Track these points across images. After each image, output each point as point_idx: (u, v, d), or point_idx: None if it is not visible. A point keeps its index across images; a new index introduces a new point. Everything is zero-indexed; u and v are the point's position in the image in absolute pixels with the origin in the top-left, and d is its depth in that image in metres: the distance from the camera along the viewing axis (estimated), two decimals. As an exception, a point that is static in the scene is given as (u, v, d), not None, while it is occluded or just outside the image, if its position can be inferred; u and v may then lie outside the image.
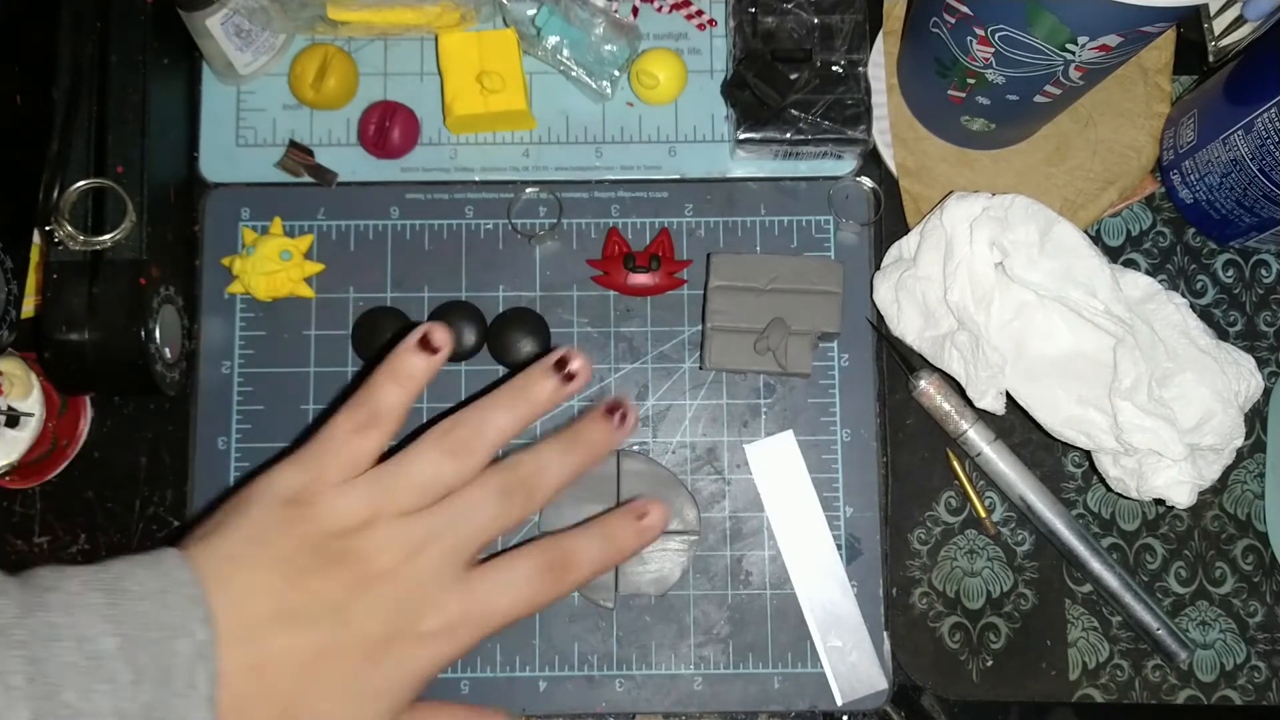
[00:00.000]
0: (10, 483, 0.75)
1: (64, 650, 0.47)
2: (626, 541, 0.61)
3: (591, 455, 0.61)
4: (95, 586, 0.50)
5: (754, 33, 0.77)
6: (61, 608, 0.49)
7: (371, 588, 0.55)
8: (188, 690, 0.49)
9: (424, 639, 0.55)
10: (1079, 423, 0.71)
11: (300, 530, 0.55)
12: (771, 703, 0.74)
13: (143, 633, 0.49)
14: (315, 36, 0.80)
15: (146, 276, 0.69)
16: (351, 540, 0.55)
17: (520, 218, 0.79)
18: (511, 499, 0.58)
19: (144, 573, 0.51)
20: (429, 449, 0.58)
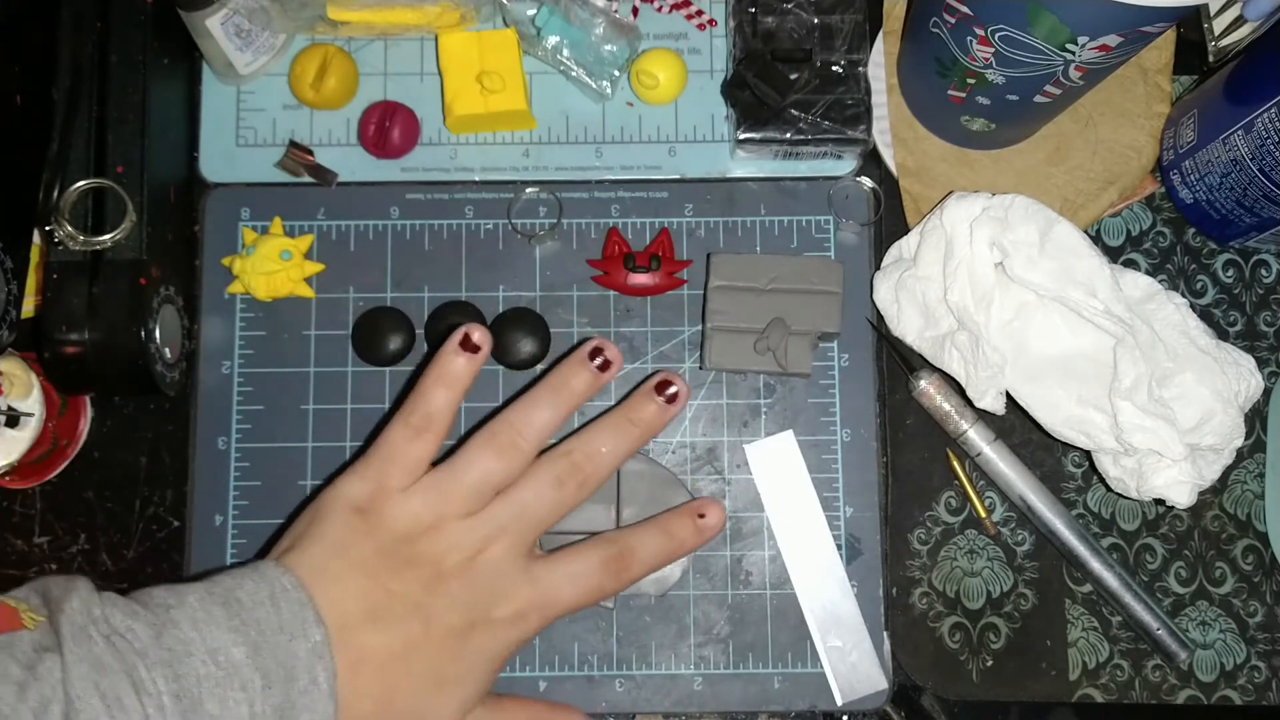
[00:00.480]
0: (10, 483, 0.75)
1: (199, 664, 0.52)
2: (686, 539, 0.67)
3: (642, 435, 0.66)
4: (213, 601, 0.54)
5: (754, 33, 0.77)
6: (189, 623, 0.52)
7: (445, 585, 0.59)
8: (311, 687, 0.54)
9: (496, 627, 0.61)
10: (1079, 423, 0.71)
11: (374, 538, 0.60)
12: (771, 703, 0.74)
13: (265, 639, 0.53)
14: (315, 36, 0.80)
15: (146, 276, 0.69)
16: (420, 544, 0.60)
17: (520, 218, 0.79)
18: (565, 486, 0.64)
19: (251, 583, 0.55)
20: (479, 451, 0.63)
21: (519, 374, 0.77)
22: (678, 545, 0.67)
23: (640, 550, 0.66)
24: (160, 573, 0.75)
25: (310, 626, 0.55)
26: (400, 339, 0.76)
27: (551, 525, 0.64)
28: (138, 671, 0.50)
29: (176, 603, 0.54)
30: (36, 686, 0.49)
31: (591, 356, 0.65)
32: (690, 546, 0.68)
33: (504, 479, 0.63)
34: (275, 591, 0.55)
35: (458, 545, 0.61)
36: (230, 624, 0.53)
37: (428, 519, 0.61)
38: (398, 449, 0.62)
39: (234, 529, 0.75)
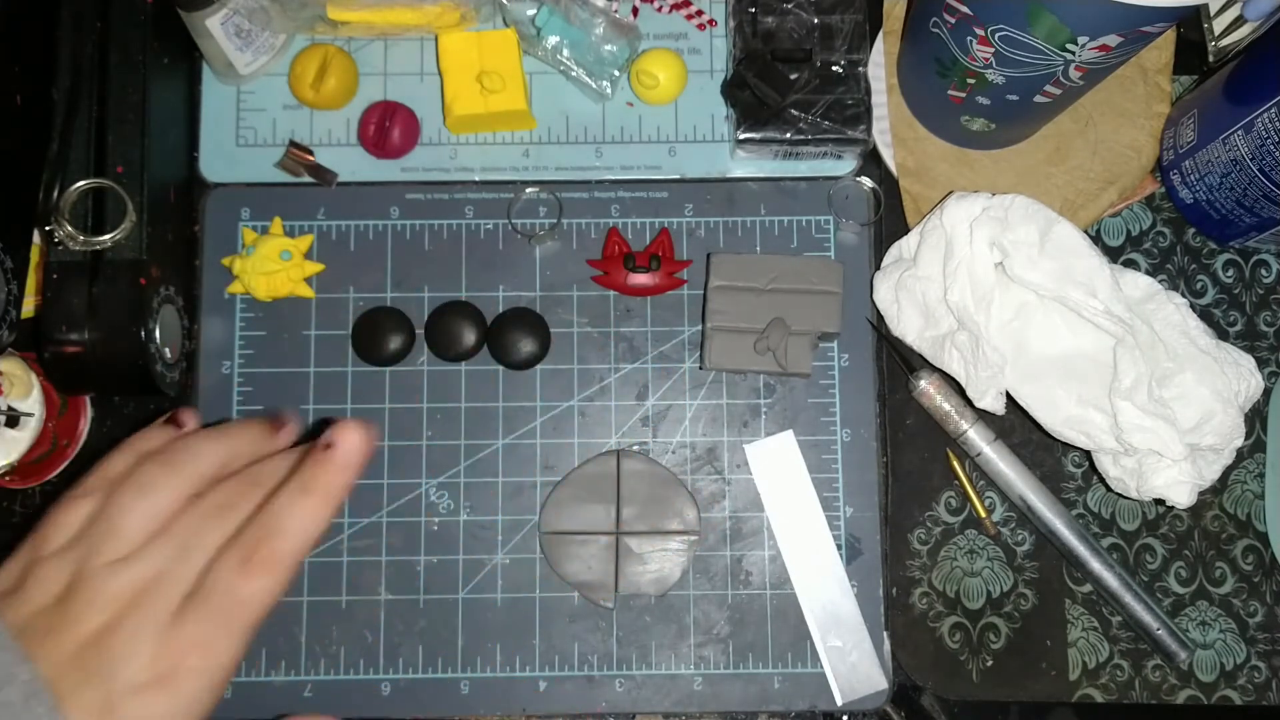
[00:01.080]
0: (10, 483, 0.75)
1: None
2: (327, 482, 0.52)
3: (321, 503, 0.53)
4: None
5: (754, 33, 0.77)
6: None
7: (80, 657, 0.49)
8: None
9: (138, 693, 0.49)
10: (1079, 423, 0.71)
11: (10, 620, 0.50)
12: (771, 703, 0.75)
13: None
14: (315, 36, 0.80)
15: (146, 276, 0.69)
16: (63, 608, 0.50)
17: (520, 218, 0.79)
18: (235, 511, 0.52)
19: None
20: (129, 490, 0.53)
21: (519, 374, 0.77)
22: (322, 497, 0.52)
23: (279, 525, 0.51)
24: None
25: (16, 667, 0.47)
26: (400, 339, 0.76)
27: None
28: None
29: None
30: None
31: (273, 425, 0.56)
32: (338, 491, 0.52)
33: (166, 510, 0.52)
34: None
35: (95, 601, 0.49)
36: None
37: (64, 579, 0.50)
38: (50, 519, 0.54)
39: (234, 529, 0.75)
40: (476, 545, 0.76)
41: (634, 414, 0.77)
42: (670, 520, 0.76)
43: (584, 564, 0.75)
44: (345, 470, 0.52)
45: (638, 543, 0.75)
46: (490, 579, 0.76)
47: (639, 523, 0.75)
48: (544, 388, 0.77)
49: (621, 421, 0.77)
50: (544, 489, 0.76)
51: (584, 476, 0.76)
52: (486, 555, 0.76)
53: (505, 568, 0.76)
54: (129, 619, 0.49)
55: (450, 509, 0.76)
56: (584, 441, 0.77)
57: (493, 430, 0.77)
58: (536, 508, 0.76)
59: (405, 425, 0.77)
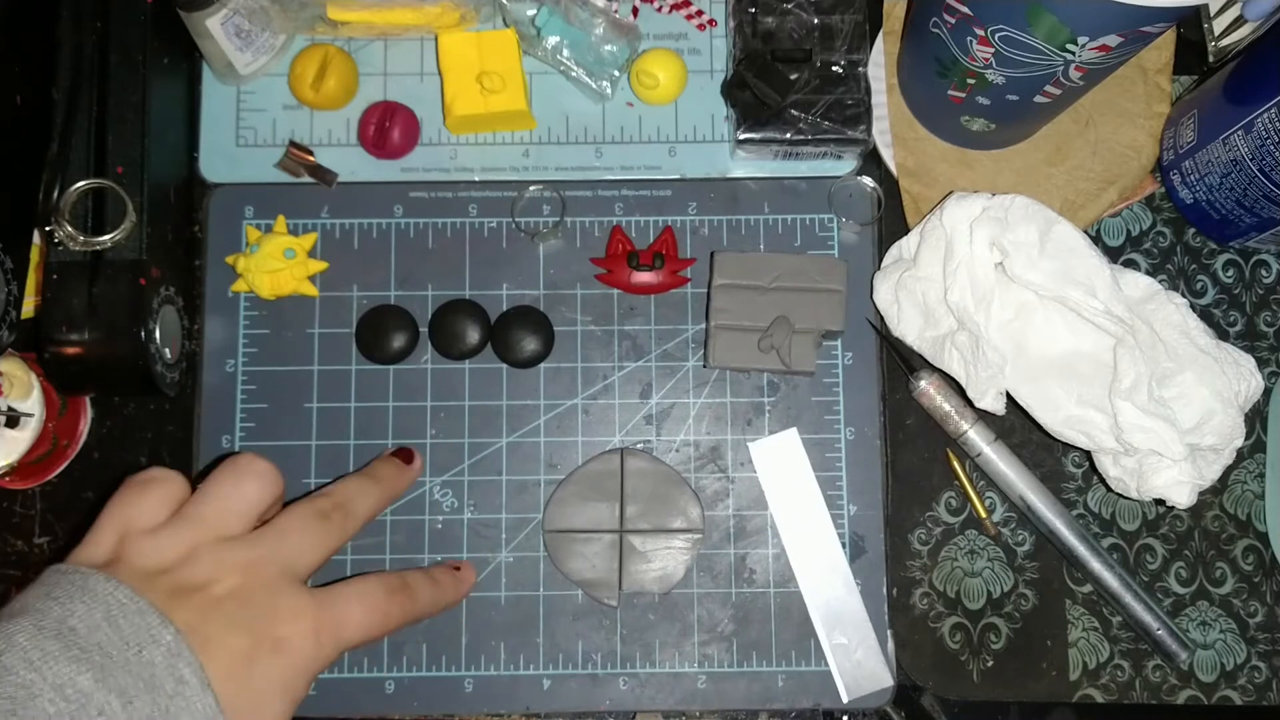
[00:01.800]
0: (10, 483, 0.75)
1: (47, 703, 0.48)
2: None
3: (384, 491, 0.68)
4: (44, 636, 0.50)
5: (754, 33, 0.77)
6: (25, 666, 0.48)
7: (220, 607, 0.55)
8: (179, 687, 0.50)
9: (284, 650, 0.55)
10: (1079, 423, 0.71)
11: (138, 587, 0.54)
12: (775, 700, 0.75)
13: (111, 659, 0.50)
14: (315, 36, 0.80)
15: (146, 276, 0.69)
16: (179, 573, 0.55)
17: (524, 216, 0.79)
18: (329, 520, 0.62)
19: (82, 607, 0.51)
20: (228, 478, 0.60)
21: (523, 372, 0.77)
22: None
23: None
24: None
25: (158, 630, 0.51)
26: (404, 337, 0.76)
27: (319, 564, 0.61)
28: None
29: (6, 647, 0.49)
30: None
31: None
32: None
33: (257, 504, 0.60)
34: (111, 609, 0.51)
35: (221, 566, 0.56)
36: (69, 655, 0.49)
37: (181, 549, 0.56)
38: (130, 501, 0.59)
39: (237, 527, 0.75)
40: (480, 543, 0.76)
41: (638, 412, 0.77)
42: (674, 518, 0.76)
43: (588, 562, 0.75)
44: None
45: (641, 541, 0.75)
46: (494, 577, 0.75)
47: (643, 521, 0.75)
48: (547, 386, 0.77)
49: (625, 420, 0.77)
50: (547, 487, 0.76)
51: (588, 475, 0.76)
52: (490, 553, 0.76)
53: (509, 566, 0.76)
54: (273, 580, 0.57)
55: (454, 507, 0.76)
56: (588, 440, 0.77)
57: (496, 428, 0.77)
58: (540, 506, 0.76)
59: (409, 424, 0.77)
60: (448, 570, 0.70)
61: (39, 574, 0.55)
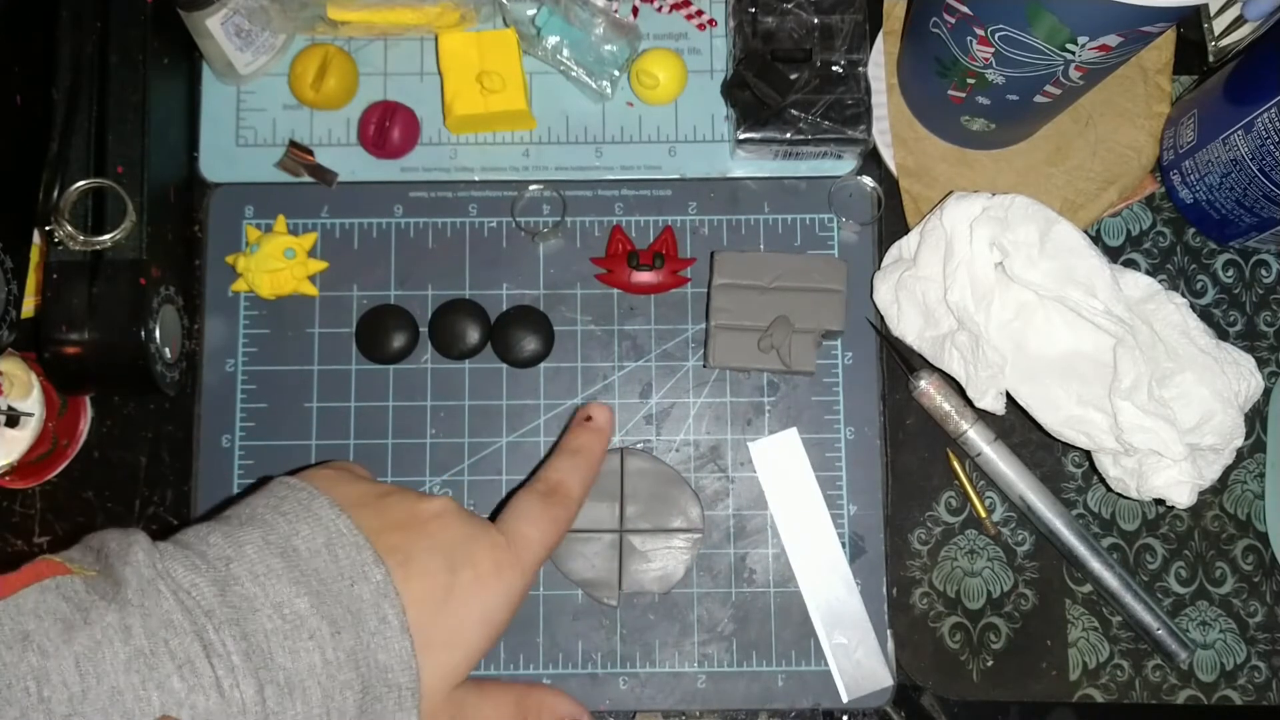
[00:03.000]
0: (10, 483, 0.75)
1: (265, 619, 0.51)
2: (589, 445, 0.71)
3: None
4: (271, 552, 0.54)
5: (754, 33, 0.77)
6: (250, 578, 0.52)
7: (424, 527, 0.59)
8: (381, 626, 0.54)
9: (479, 580, 0.59)
10: (1079, 423, 0.71)
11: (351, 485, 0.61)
12: (775, 700, 0.75)
13: (326, 587, 0.53)
14: (315, 36, 0.80)
15: (146, 276, 0.69)
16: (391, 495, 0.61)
17: (524, 216, 0.79)
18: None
19: (307, 529, 0.55)
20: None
21: (523, 372, 0.77)
22: (586, 455, 0.70)
23: (563, 473, 0.68)
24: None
25: (370, 568, 0.55)
26: (404, 337, 0.76)
27: (549, 543, 0.64)
28: (207, 633, 0.50)
29: (235, 554, 0.53)
30: (87, 630, 0.48)
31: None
32: (597, 451, 0.71)
33: None
34: (331, 537, 0.55)
35: (427, 501, 0.61)
36: (290, 575, 0.53)
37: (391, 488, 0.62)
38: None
39: (237, 527, 0.75)
40: (480, 544, 0.76)
41: (637, 412, 0.77)
42: (674, 518, 0.76)
43: (587, 562, 0.75)
44: (602, 434, 0.72)
45: (641, 540, 0.75)
46: (494, 577, 0.75)
47: (642, 520, 0.75)
48: (547, 386, 0.77)
49: (625, 419, 0.77)
50: (547, 487, 0.76)
51: (588, 476, 0.76)
52: (490, 554, 0.76)
53: (509, 566, 0.76)
54: (464, 516, 0.61)
55: (454, 507, 0.76)
56: (588, 439, 0.77)
57: (496, 428, 0.77)
58: (540, 506, 0.76)
59: (409, 423, 0.77)
60: (581, 430, 0.72)
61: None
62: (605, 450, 0.73)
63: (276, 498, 0.57)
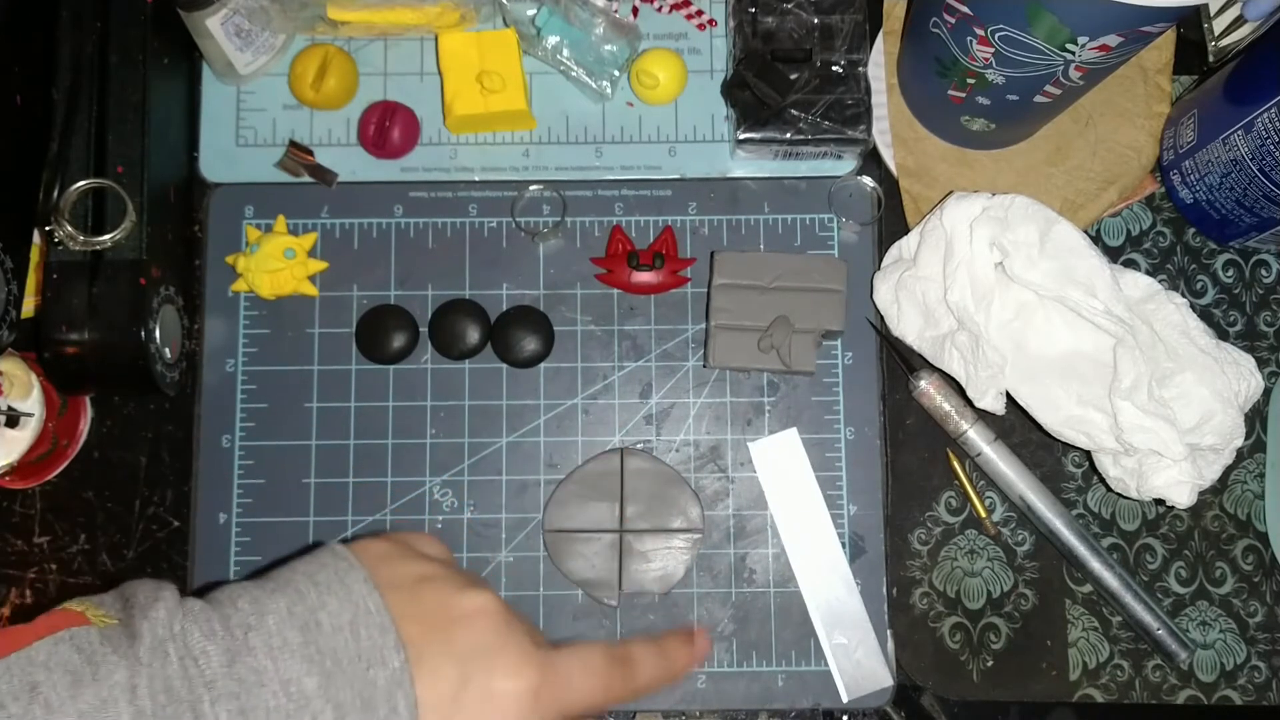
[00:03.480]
0: (10, 483, 0.75)
1: (270, 695, 0.49)
2: (678, 663, 0.63)
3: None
4: (292, 624, 0.51)
5: (754, 33, 0.77)
6: (265, 651, 0.50)
7: (453, 629, 0.54)
8: (390, 716, 0.51)
9: (497, 696, 0.54)
10: (1079, 423, 0.71)
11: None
12: (775, 700, 0.75)
13: (340, 668, 0.51)
14: (315, 36, 0.80)
15: (146, 276, 0.69)
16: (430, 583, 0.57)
17: (524, 216, 0.79)
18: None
19: (335, 603, 0.52)
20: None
21: (523, 372, 0.77)
22: (670, 665, 0.64)
23: (642, 660, 0.62)
24: (160, 573, 0.75)
25: (389, 653, 0.52)
26: (404, 337, 0.76)
27: (588, 701, 0.58)
28: (202, 705, 0.48)
29: (257, 624, 0.51)
30: (94, 687, 0.47)
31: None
32: (679, 670, 0.64)
33: None
34: (358, 615, 0.52)
35: (467, 595, 0.56)
36: (305, 652, 0.51)
37: (437, 570, 0.58)
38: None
39: (238, 527, 0.75)
40: (480, 543, 0.76)
41: (638, 412, 0.77)
42: (674, 518, 0.76)
43: (587, 562, 0.75)
44: (694, 661, 0.64)
45: (641, 541, 0.75)
46: (494, 577, 0.76)
47: (642, 521, 0.75)
48: (547, 386, 0.77)
49: (625, 419, 0.77)
50: (547, 487, 0.76)
51: (587, 474, 0.76)
52: (490, 553, 0.76)
53: (509, 566, 0.76)
54: (511, 623, 0.55)
55: (454, 507, 0.76)
56: (587, 439, 0.77)
57: (496, 428, 0.77)
58: (540, 506, 0.76)
59: (409, 423, 0.77)
60: (681, 640, 0.65)
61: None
62: (682, 675, 0.66)
63: (317, 564, 0.55)
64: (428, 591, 0.56)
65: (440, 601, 0.55)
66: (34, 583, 0.75)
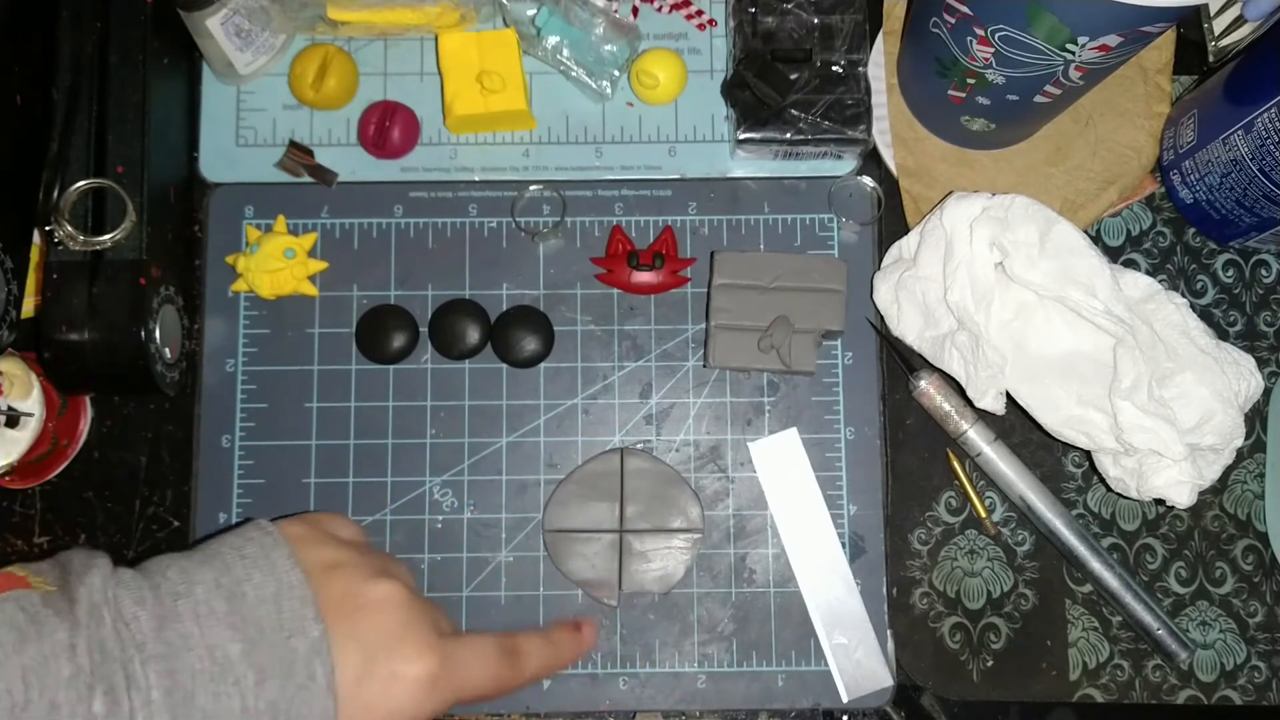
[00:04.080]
0: (10, 483, 0.75)
1: (195, 659, 0.52)
2: (566, 646, 0.71)
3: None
4: (219, 594, 0.54)
5: (754, 33, 0.77)
6: (192, 617, 0.53)
7: (362, 614, 0.59)
8: (308, 682, 0.54)
9: (396, 679, 0.58)
10: (1079, 423, 0.71)
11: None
12: (775, 700, 0.74)
13: (263, 635, 0.54)
14: (315, 36, 0.80)
15: (146, 276, 0.69)
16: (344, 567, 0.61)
17: (524, 216, 0.79)
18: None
19: (260, 575, 0.56)
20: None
21: (523, 372, 0.77)
22: (557, 652, 0.69)
23: (529, 650, 0.67)
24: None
25: (309, 624, 0.55)
26: (404, 337, 0.76)
27: (480, 688, 0.63)
28: (133, 665, 0.51)
29: (185, 591, 0.54)
30: (38, 644, 0.50)
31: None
32: (566, 657, 0.71)
33: None
34: (280, 588, 0.56)
35: (374, 584, 0.59)
36: (230, 620, 0.53)
37: (358, 555, 0.61)
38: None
39: (238, 527, 0.75)
40: (480, 543, 0.76)
41: (637, 412, 0.77)
42: (674, 518, 0.76)
43: (587, 562, 0.75)
44: (581, 649, 0.72)
45: (641, 541, 0.75)
46: (494, 577, 0.75)
47: (642, 521, 0.75)
48: (547, 386, 0.77)
49: (625, 419, 0.77)
50: (547, 487, 0.76)
51: (587, 474, 0.76)
52: (490, 553, 0.76)
53: (509, 566, 0.76)
54: (420, 614, 0.60)
55: (454, 507, 0.76)
56: (587, 439, 0.77)
57: (496, 428, 0.77)
58: (540, 506, 0.76)
59: (409, 423, 0.77)
60: (567, 630, 0.71)
61: None
62: (568, 663, 0.73)
63: (244, 538, 0.58)
64: (337, 578, 0.59)
65: (348, 589, 0.59)
66: (34, 583, 0.75)
